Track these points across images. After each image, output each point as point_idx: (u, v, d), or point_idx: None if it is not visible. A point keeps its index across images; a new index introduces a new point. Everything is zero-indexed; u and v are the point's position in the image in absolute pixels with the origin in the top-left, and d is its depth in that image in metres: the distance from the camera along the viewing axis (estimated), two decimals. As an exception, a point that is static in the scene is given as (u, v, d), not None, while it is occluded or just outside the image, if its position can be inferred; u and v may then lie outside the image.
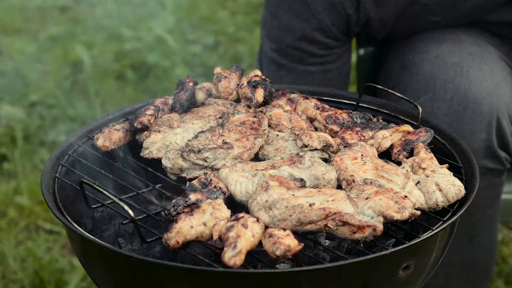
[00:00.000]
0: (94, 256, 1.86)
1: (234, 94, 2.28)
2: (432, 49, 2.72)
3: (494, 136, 2.55)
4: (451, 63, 2.62)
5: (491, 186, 2.65)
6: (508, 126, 2.58)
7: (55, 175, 2.05)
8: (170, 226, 1.73)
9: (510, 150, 2.62)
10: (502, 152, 2.60)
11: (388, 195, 1.78)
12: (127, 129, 2.16)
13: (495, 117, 2.54)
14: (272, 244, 1.66)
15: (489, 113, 2.53)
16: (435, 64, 2.64)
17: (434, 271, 1.94)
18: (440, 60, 2.64)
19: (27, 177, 4.15)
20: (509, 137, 2.59)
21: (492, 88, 2.56)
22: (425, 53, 2.71)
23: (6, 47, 5.60)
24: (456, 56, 2.65)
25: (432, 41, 2.77)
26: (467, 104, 2.53)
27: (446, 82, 2.58)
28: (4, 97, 4.98)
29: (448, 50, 2.69)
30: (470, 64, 2.61)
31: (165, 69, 5.13)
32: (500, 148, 2.59)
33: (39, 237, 3.79)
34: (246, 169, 1.92)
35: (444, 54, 2.67)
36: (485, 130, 2.54)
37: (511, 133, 2.60)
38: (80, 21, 5.84)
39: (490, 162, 2.58)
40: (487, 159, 2.57)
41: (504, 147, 2.60)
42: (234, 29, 5.74)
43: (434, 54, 2.68)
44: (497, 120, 2.54)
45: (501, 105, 2.55)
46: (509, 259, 3.65)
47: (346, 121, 2.15)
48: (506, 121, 2.57)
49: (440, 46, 2.73)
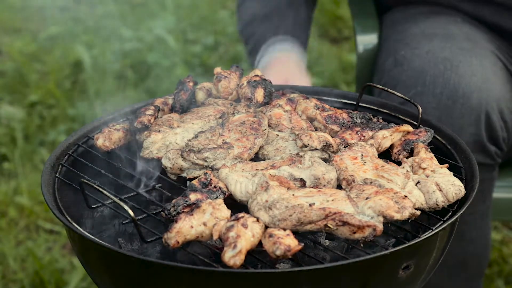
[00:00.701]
0: (94, 256, 1.86)
1: (234, 94, 2.28)
2: (423, 44, 2.74)
3: (484, 130, 2.56)
4: (442, 58, 2.64)
5: (482, 181, 2.65)
6: (498, 120, 2.58)
7: (55, 175, 2.05)
8: (170, 226, 1.73)
9: (500, 144, 2.63)
10: (492, 146, 2.61)
11: (388, 195, 1.78)
12: (127, 129, 2.16)
13: (484, 111, 2.55)
14: (272, 244, 1.66)
15: (478, 107, 2.55)
16: (425, 59, 2.66)
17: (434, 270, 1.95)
18: (431, 55, 2.66)
19: (27, 177, 4.15)
20: (499, 131, 2.59)
21: (482, 83, 2.57)
22: (416, 49, 2.73)
23: (6, 47, 5.60)
24: (446, 51, 2.67)
25: (424, 37, 2.79)
26: (456, 98, 2.55)
27: (436, 76, 2.60)
28: (4, 97, 4.98)
29: (439, 45, 2.71)
30: (460, 59, 2.62)
31: (165, 69, 5.13)
32: (490, 142, 2.60)
33: (39, 237, 3.79)
34: (246, 169, 1.92)
35: (435, 49, 2.69)
36: (474, 124, 2.55)
37: (501, 127, 2.60)
38: (80, 21, 5.84)
39: (480, 156, 2.60)
40: (476, 154, 2.57)
41: (494, 141, 2.61)
42: (234, 29, 5.74)
43: (426, 50, 2.70)
44: (486, 114, 2.55)
45: (491, 99, 2.56)
46: (509, 259, 3.66)
47: (346, 121, 2.15)
48: (496, 115, 2.57)
49: (431, 41, 2.75)
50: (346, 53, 5.54)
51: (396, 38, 2.88)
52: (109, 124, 2.18)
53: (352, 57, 5.36)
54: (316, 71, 5.25)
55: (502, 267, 3.60)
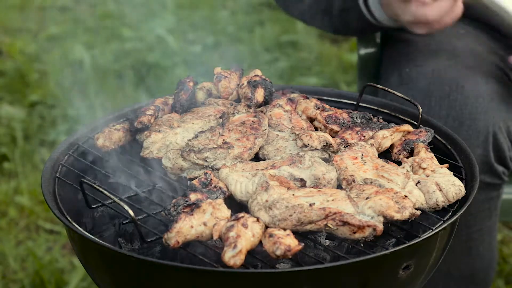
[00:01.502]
0: (94, 256, 1.86)
1: (234, 94, 2.28)
2: (428, 63, 2.70)
3: (491, 151, 2.54)
4: (447, 78, 2.61)
5: (489, 200, 2.64)
6: (505, 141, 2.56)
7: (55, 175, 2.05)
8: (170, 226, 1.73)
9: (507, 164, 2.60)
10: (500, 166, 2.58)
11: (388, 195, 1.78)
12: (127, 129, 2.16)
13: (491, 133, 2.53)
14: (272, 244, 1.66)
15: (485, 129, 2.52)
16: (431, 80, 2.63)
17: (434, 280, 1.94)
18: (436, 75, 2.63)
19: (28, 177, 4.15)
20: (506, 151, 2.57)
21: (488, 103, 2.55)
22: (421, 67, 2.70)
23: (6, 47, 5.60)
24: (452, 71, 2.63)
25: (429, 53, 2.76)
26: (463, 120, 2.53)
27: (441, 98, 2.57)
28: (4, 97, 4.98)
29: (444, 63, 2.68)
30: (465, 79, 2.59)
31: (165, 69, 5.13)
32: (497, 162, 2.57)
33: (39, 237, 3.79)
34: (246, 169, 1.92)
35: (440, 69, 2.66)
36: (481, 145, 2.53)
37: (509, 147, 2.58)
38: (80, 21, 5.84)
39: (487, 176, 2.57)
40: (484, 174, 2.55)
41: (502, 161, 2.59)
42: (234, 29, 5.74)
43: (431, 68, 2.67)
44: (493, 135, 2.53)
45: (497, 119, 2.54)
46: (509, 259, 3.66)
47: (346, 121, 2.15)
48: (503, 136, 2.55)
49: (436, 58, 2.72)
50: (346, 53, 5.54)
51: (400, 50, 2.86)
52: (109, 124, 2.18)
53: (352, 57, 5.36)
54: (316, 71, 5.26)
55: (502, 267, 3.60)
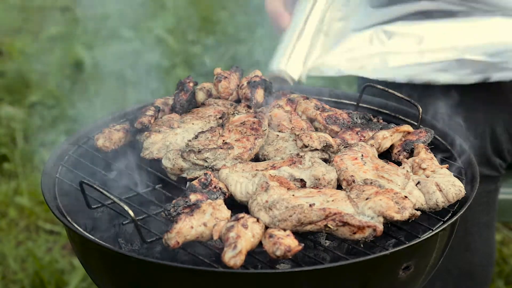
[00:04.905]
0: (94, 256, 1.86)
1: (234, 95, 2.28)
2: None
3: (488, 143, 2.55)
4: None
5: (486, 193, 2.65)
6: (503, 133, 2.58)
7: (55, 175, 2.05)
8: (170, 226, 1.73)
9: (504, 156, 2.61)
10: (497, 159, 2.59)
11: (388, 196, 1.78)
12: (127, 130, 2.16)
13: (489, 124, 2.54)
14: (272, 245, 1.66)
15: (483, 121, 2.53)
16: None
17: (432, 276, 1.94)
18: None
19: (28, 178, 4.16)
20: (503, 143, 2.58)
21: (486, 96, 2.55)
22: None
23: (6, 47, 5.60)
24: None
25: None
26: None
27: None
28: (4, 97, 4.99)
29: None
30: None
31: (165, 69, 5.13)
32: (494, 155, 2.58)
33: (39, 237, 3.79)
34: (246, 169, 1.92)
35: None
36: (479, 137, 2.53)
37: (506, 139, 2.59)
38: (80, 21, 5.84)
39: (485, 169, 2.58)
40: (481, 166, 2.55)
41: (499, 154, 2.60)
42: (234, 29, 5.74)
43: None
44: (491, 127, 2.54)
45: (496, 112, 2.55)
46: (509, 259, 3.66)
47: (346, 121, 2.15)
48: (501, 128, 2.56)
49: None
50: (346, 53, 5.53)
51: None
52: (109, 125, 2.18)
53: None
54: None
55: (502, 267, 3.60)
